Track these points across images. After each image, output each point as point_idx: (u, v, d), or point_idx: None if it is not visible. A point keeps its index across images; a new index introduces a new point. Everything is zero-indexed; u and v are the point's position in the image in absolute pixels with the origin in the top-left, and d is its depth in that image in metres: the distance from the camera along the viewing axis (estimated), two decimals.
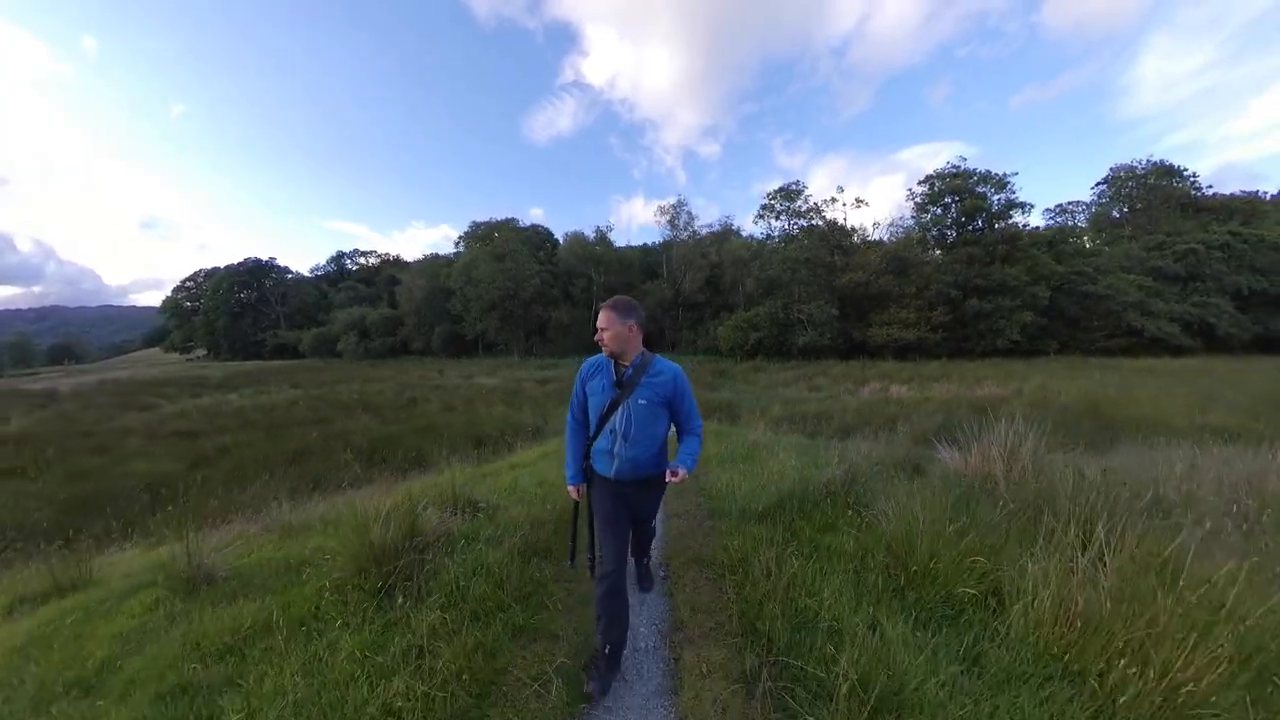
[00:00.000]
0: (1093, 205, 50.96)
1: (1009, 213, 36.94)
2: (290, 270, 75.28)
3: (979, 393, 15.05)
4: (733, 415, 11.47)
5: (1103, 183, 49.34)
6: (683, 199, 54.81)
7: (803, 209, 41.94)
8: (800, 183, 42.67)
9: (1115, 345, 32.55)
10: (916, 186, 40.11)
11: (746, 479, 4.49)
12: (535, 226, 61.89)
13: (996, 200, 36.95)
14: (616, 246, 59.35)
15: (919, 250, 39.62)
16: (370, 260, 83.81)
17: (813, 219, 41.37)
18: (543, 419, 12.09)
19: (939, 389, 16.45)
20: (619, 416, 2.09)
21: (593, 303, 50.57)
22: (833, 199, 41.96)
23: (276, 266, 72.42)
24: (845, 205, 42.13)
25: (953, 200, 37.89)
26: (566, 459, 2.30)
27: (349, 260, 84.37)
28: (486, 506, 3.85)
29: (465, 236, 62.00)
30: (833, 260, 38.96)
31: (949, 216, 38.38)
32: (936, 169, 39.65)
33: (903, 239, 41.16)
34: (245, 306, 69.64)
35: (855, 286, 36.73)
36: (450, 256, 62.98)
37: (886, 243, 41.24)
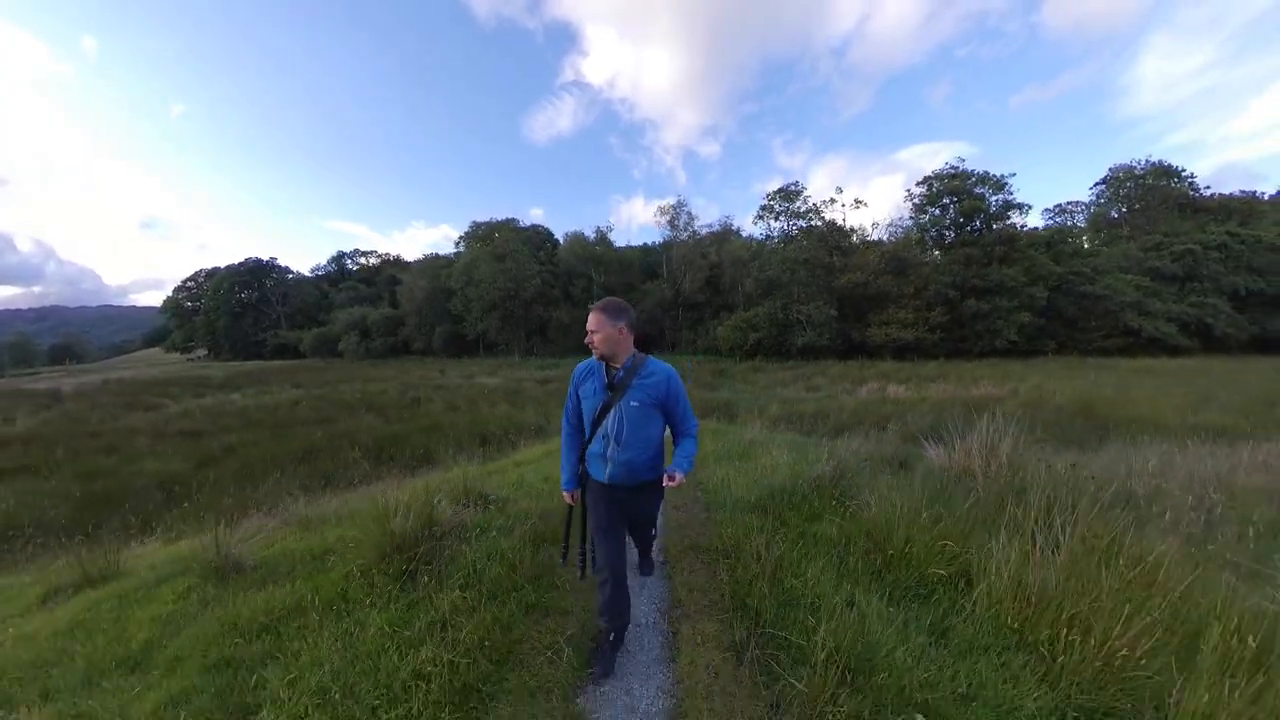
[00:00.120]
0: (1091, 205, 51.10)
1: (1007, 214, 37.09)
2: (291, 270, 75.45)
3: (975, 393, 15.16)
4: (731, 414, 11.69)
5: (1101, 183, 49.49)
6: (683, 199, 54.92)
7: (802, 210, 42.16)
8: (799, 183, 42.95)
9: (1113, 345, 32.67)
10: (915, 187, 40.31)
11: (741, 474, 4.69)
12: (535, 227, 61.93)
13: (994, 201, 37.10)
14: (616, 246, 59.43)
15: (917, 251, 39.72)
16: (370, 260, 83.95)
17: (812, 220, 41.58)
18: (545, 418, 12.31)
19: (936, 389, 16.55)
20: (611, 419, 2.09)
21: (593, 302, 51.03)
22: (832, 199, 42.25)
23: (277, 266, 72.59)
24: (844, 206, 42.43)
25: (951, 201, 38.03)
26: (561, 463, 2.32)
27: (349, 260, 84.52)
28: (497, 499, 4.07)
29: (465, 236, 62.08)
30: (831, 261, 39.13)
31: (947, 217, 38.50)
32: (935, 170, 39.81)
33: (901, 239, 41.27)
34: (246, 306, 69.83)
35: (854, 287, 36.89)
36: (451, 256, 63.04)
37: (885, 243, 41.32)
